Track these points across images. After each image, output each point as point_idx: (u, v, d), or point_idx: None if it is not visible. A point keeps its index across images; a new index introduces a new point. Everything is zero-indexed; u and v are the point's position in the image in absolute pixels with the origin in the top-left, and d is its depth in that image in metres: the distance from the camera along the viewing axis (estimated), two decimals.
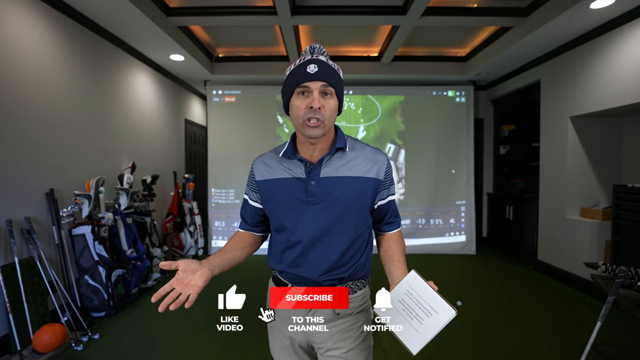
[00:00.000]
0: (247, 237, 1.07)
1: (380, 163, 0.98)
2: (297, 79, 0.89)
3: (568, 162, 3.64)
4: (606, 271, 2.34)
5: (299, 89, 0.89)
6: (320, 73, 0.88)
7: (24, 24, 2.43)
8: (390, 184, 1.01)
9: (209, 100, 4.98)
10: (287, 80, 0.93)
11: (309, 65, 0.89)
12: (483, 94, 5.38)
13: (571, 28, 3.20)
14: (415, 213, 5.00)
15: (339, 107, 0.96)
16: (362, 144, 1.02)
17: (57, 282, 2.53)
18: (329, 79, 0.89)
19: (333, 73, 0.91)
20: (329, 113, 0.90)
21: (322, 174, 0.94)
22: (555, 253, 3.84)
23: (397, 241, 1.04)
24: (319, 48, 0.93)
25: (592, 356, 2.17)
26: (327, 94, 0.90)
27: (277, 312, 1.02)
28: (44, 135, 2.60)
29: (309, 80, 0.88)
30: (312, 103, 0.87)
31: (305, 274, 0.97)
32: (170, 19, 3.38)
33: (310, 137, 0.90)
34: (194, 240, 4.56)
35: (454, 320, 0.74)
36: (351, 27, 3.89)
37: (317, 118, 0.88)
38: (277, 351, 1.05)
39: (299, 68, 0.90)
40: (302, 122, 0.90)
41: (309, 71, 0.88)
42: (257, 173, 1.02)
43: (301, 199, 0.95)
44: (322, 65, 0.89)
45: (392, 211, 1.05)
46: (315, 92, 0.88)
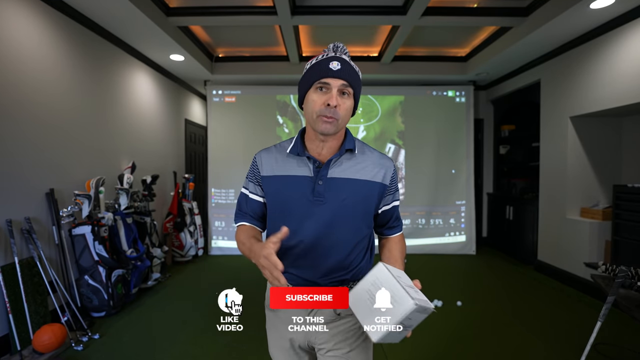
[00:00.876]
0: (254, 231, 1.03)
1: (387, 168, 0.98)
2: (318, 73, 0.88)
3: (568, 162, 3.64)
4: (606, 271, 2.34)
5: (319, 84, 0.88)
6: (342, 72, 0.87)
7: (23, 24, 2.43)
8: (395, 190, 1.01)
9: (209, 100, 4.98)
10: (307, 73, 0.92)
11: (332, 62, 0.88)
12: (483, 94, 5.38)
13: (571, 28, 3.20)
14: (415, 213, 5.00)
15: (354, 109, 0.96)
16: (370, 147, 1.01)
17: (57, 282, 2.53)
18: (350, 79, 0.89)
19: (354, 74, 0.90)
20: (344, 113, 0.90)
21: (330, 174, 0.93)
22: (555, 253, 3.84)
23: (398, 243, 1.04)
24: (342, 47, 0.92)
25: (592, 356, 2.17)
26: (345, 94, 0.90)
27: (277, 313, 1.01)
28: (44, 135, 2.60)
29: (330, 76, 0.87)
30: (330, 100, 0.87)
31: (306, 276, 0.95)
32: (170, 19, 3.38)
33: (322, 132, 0.89)
34: (194, 240, 4.56)
35: (454, 320, 0.73)
36: (351, 27, 3.89)
37: (332, 116, 0.87)
38: (277, 352, 1.04)
39: (321, 63, 0.89)
40: (316, 117, 0.89)
41: (331, 67, 0.87)
42: (262, 168, 0.99)
43: (307, 198, 0.93)
44: (345, 65, 0.89)
45: (395, 216, 1.05)
46: (334, 89, 0.87)
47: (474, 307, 3.02)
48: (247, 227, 1.03)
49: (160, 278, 3.62)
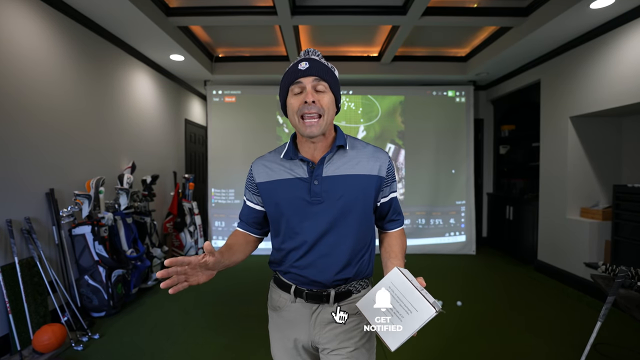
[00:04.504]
0: (247, 238, 1.07)
1: (381, 160, 0.98)
2: (289, 77, 0.92)
3: (568, 162, 3.64)
4: (606, 271, 2.34)
5: (293, 87, 0.91)
6: (311, 69, 0.90)
7: (23, 24, 2.43)
8: (392, 181, 1.01)
9: (209, 100, 4.98)
10: (281, 83, 0.96)
11: (300, 63, 0.92)
12: (483, 94, 5.38)
13: (571, 28, 3.20)
14: (415, 213, 5.00)
15: (337, 105, 0.97)
16: (362, 142, 1.02)
17: (57, 282, 2.53)
18: (321, 74, 0.91)
19: (325, 68, 0.92)
20: (326, 107, 0.91)
21: (325, 173, 0.94)
22: (555, 253, 3.84)
23: (398, 238, 1.04)
24: (313, 50, 0.96)
25: (592, 356, 2.17)
26: (321, 89, 0.91)
27: (280, 313, 1.02)
28: (44, 135, 2.60)
29: (300, 76, 0.90)
30: (306, 97, 0.89)
31: (310, 275, 0.95)
32: (170, 19, 3.38)
33: (309, 136, 0.91)
34: (194, 240, 4.56)
35: (454, 320, 0.73)
36: (351, 27, 3.89)
37: (313, 112, 0.89)
38: (279, 353, 1.04)
39: (291, 68, 0.93)
40: (298, 120, 0.91)
41: (300, 68, 0.90)
42: (256, 175, 1.01)
43: (305, 199, 0.94)
44: (314, 62, 0.91)
45: (394, 208, 1.05)
46: (308, 86, 0.90)
47: (474, 307, 3.02)
48: (237, 232, 1.07)
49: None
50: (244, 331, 2.58)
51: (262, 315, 1.10)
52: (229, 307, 3.02)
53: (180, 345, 2.40)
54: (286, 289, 1.00)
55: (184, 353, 2.31)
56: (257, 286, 3.47)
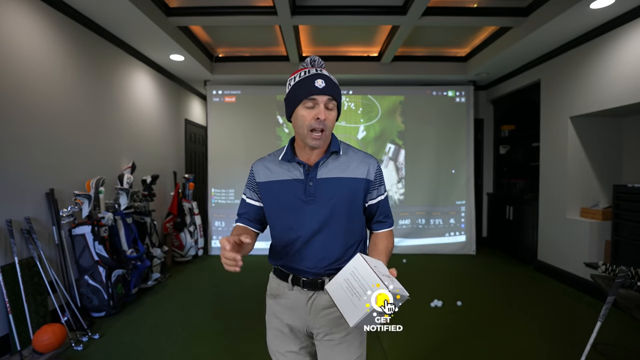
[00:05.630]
0: (248, 232, 1.12)
1: (370, 165, 1.07)
2: (306, 91, 0.97)
3: (568, 162, 3.64)
4: (606, 271, 2.34)
5: (307, 101, 0.98)
6: (327, 88, 0.98)
7: (23, 25, 2.43)
8: (379, 185, 1.10)
9: (209, 100, 4.99)
10: (294, 91, 1.00)
11: (317, 79, 0.98)
12: (483, 94, 5.38)
13: (571, 28, 3.20)
14: (415, 213, 5.01)
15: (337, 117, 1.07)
16: (354, 149, 1.12)
17: (57, 282, 2.53)
18: (334, 94, 0.99)
19: (336, 88, 1.02)
20: (331, 124, 1.01)
21: (319, 175, 1.03)
22: (555, 253, 3.84)
23: (384, 238, 1.10)
24: (319, 61, 1.04)
25: (592, 356, 2.17)
26: (331, 107, 1.00)
27: (278, 300, 1.09)
28: (44, 135, 2.60)
29: (317, 94, 0.97)
30: (319, 114, 0.97)
31: (305, 267, 1.04)
32: (170, 19, 3.38)
33: (314, 147, 1.01)
34: (194, 240, 4.56)
35: (454, 320, 0.74)
36: (351, 27, 3.89)
37: (322, 129, 0.98)
38: (276, 340, 1.09)
39: (306, 81, 0.98)
40: (306, 132, 0.99)
41: (317, 85, 0.97)
42: (257, 175, 1.10)
43: (300, 199, 1.03)
44: (328, 81, 0.99)
45: (382, 211, 1.12)
46: (321, 104, 0.98)
47: (473, 307, 3.02)
48: (239, 227, 1.14)
49: (160, 278, 3.62)
50: (244, 331, 2.58)
51: (262, 315, 1.12)
52: (229, 307, 3.02)
53: (180, 345, 2.40)
54: (284, 277, 1.08)
55: (184, 353, 2.31)
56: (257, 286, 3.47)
